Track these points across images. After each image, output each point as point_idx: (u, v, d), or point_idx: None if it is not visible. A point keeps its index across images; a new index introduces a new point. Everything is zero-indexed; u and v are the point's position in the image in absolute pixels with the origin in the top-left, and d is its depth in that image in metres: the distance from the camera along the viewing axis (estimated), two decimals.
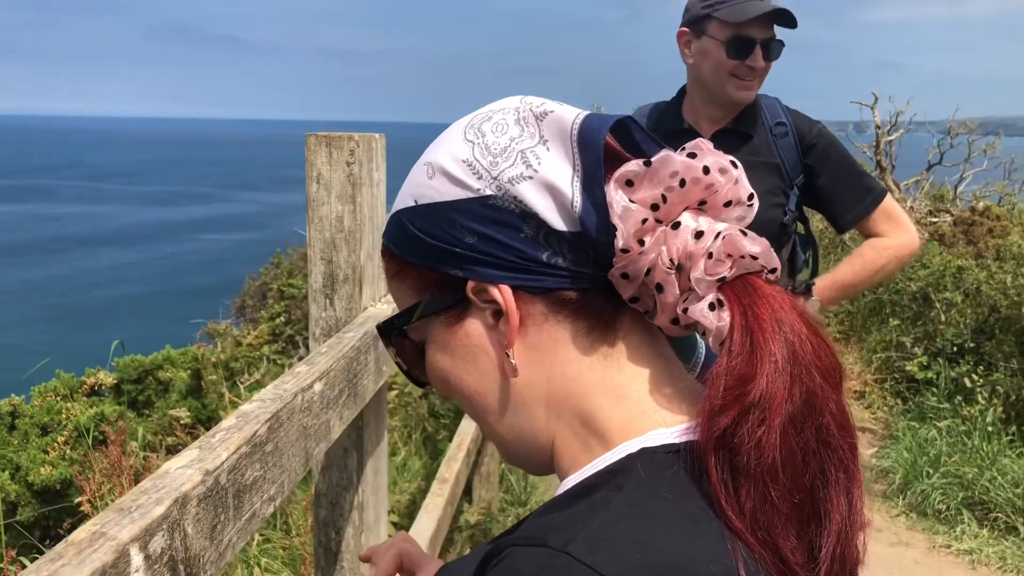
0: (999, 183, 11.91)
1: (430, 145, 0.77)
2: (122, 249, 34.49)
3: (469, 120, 0.75)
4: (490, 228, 0.70)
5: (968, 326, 6.18)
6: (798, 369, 0.63)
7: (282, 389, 1.23)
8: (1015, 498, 4.61)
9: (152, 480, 0.89)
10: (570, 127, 0.70)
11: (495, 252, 0.70)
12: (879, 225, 2.40)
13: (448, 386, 0.78)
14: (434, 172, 0.73)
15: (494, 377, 0.74)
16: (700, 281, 0.66)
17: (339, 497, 1.79)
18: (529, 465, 0.78)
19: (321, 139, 1.72)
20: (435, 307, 0.74)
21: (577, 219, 0.68)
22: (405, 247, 0.75)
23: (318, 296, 1.76)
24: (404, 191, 0.76)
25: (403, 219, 0.75)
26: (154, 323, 19.06)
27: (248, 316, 9.24)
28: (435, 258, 0.73)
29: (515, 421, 0.74)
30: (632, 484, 0.63)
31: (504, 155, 0.70)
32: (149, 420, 5.19)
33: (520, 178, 0.69)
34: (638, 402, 0.70)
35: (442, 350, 0.76)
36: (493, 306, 0.71)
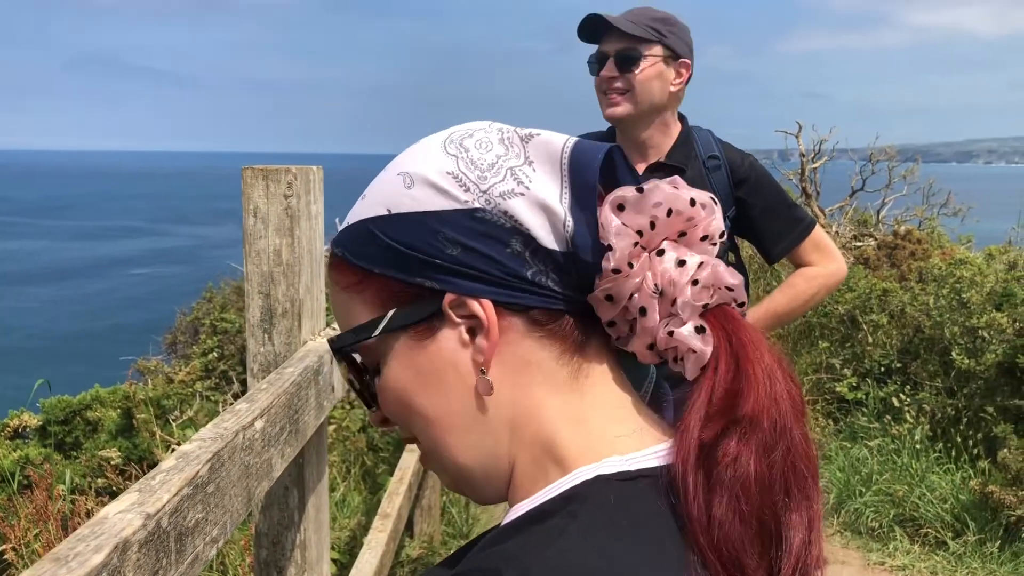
0: (918, 207, 12.33)
1: (397, 159, 0.75)
2: (47, 286, 33.49)
3: (446, 136, 0.74)
4: (476, 241, 0.68)
5: (894, 347, 6.36)
6: (772, 395, 0.65)
7: (222, 428, 1.21)
8: (943, 513, 4.74)
9: (90, 526, 0.87)
10: (560, 150, 0.70)
11: (479, 265, 0.68)
12: (809, 255, 2.45)
13: (404, 406, 0.74)
14: (413, 182, 0.71)
15: (461, 395, 0.71)
16: (686, 306, 0.67)
17: (281, 536, 1.75)
18: (480, 492, 0.75)
19: (258, 172, 1.70)
20: (405, 320, 0.71)
21: (568, 239, 0.68)
22: (371, 258, 0.72)
23: (256, 331, 1.74)
24: (372, 201, 0.73)
25: (372, 228, 0.72)
26: (82, 362, 18.51)
27: (180, 352, 9.04)
28: (409, 269, 0.70)
29: (476, 442, 0.72)
30: (586, 512, 0.63)
31: (492, 171, 0.70)
32: (77, 462, 5.03)
33: (511, 194, 0.69)
34: (598, 429, 0.69)
35: (404, 366, 0.72)
36: (469, 321, 0.69)
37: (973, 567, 4.38)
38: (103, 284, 34.04)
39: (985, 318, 5.47)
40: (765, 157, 11.04)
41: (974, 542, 4.50)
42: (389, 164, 0.75)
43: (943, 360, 5.85)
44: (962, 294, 5.91)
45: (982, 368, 5.34)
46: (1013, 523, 4.48)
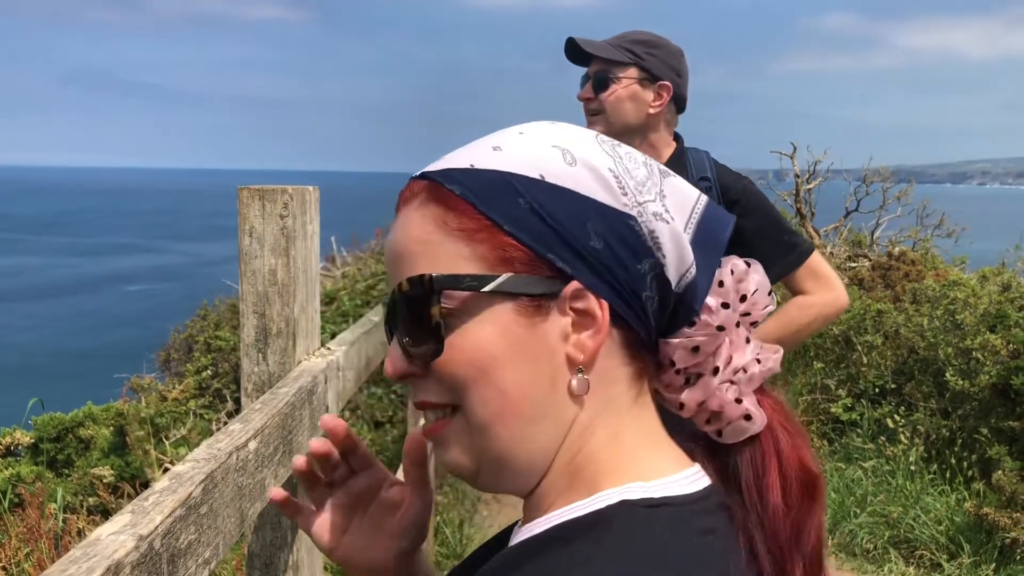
0: (913, 228, 12.37)
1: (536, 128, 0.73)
2: (41, 303, 33.41)
3: (593, 134, 0.73)
4: (619, 245, 0.68)
5: (888, 368, 6.37)
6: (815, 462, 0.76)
7: (216, 448, 1.21)
8: (938, 535, 4.73)
9: (82, 548, 0.87)
10: (693, 202, 0.73)
11: (613, 268, 0.68)
12: (804, 283, 2.39)
13: (480, 371, 0.69)
14: (575, 161, 0.70)
15: (543, 384, 0.69)
16: (752, 380, 0.73)
17: (273, 557, 1.75)
18: (497, 482, 0.73)
19: (254, 192, 1.71)
20: (520, 288, 0.68)
21: (686, 283, 0.71)
22: (505, 213, 0.68)
23: (250, 350, 1.74)
24: (516, 158, 0.70)
25: (517, 185, 0.69)
26: (75, 379, 18.43)
27: (173, 370, 9.01)
28: (546, 242, 0.68)
29: (535, 435, 0.70)
30: (611, 539, 0.63)
31: (645, 187, 0.71)
32: (69, 480, 5.00)
33: (660, 218, 0.70)
34: (632, 455, 0.70)
35: (500, 334, 0.68)
36: (579, 316, 0.68)
37: None
38: (97, 301, 33.97)
39: (979, 339, 5.48)
40: (760, 177, 11.08)
41: (969, 564, 4.49)
42: (523, 129, 0.73)
43: (937, 381, 5.85)
44: (956, 315, 5.93)
45: (976, 390, 5.35)
46: (1008, 545, 4.47)
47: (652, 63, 2.37)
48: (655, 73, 2.37)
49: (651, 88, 2.37)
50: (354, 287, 7.64)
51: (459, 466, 0.73)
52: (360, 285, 7.66)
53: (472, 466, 0.72)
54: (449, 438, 0.72)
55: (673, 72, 2.39)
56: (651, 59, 2.37)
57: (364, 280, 7.81)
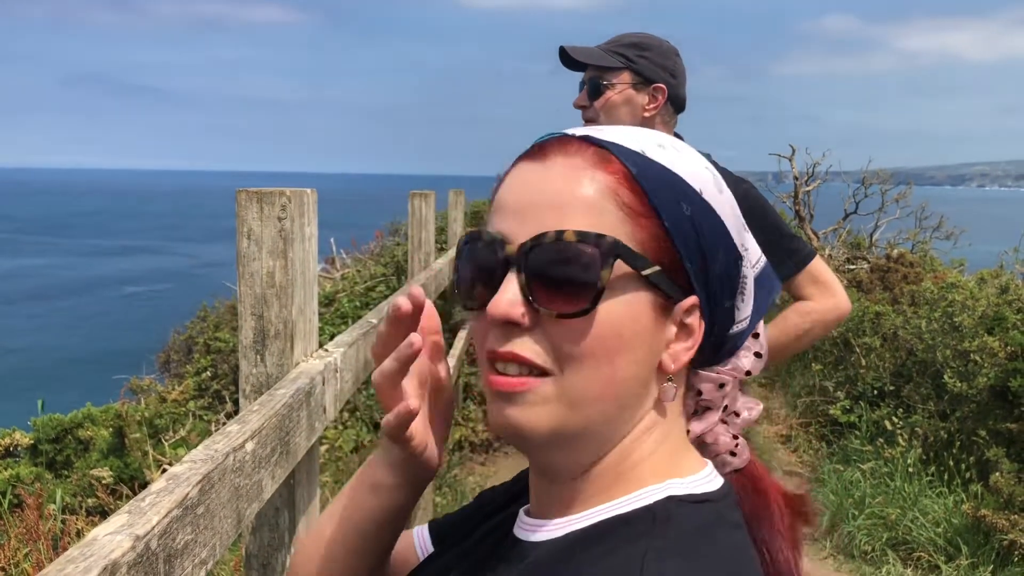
0: (911, 231, 12.39)
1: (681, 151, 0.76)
2: (41, 305, 33.41)
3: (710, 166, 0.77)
4: (727, 279, 0.75)
5: (887, 370, 6.38)
6: None
7: (213, 449, 1.21)
8: (936, 537, 4.73)
9: (79, 548, 0.87)
10: (759, 255, 0.81)
11: (718, 297, 0.75)
12: (805, 288, 2.35)
13: (605, 347, 0.69)
14: (722, 190, 0.76)
15: (643, 378, 0.73)
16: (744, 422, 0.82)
17: (270, 558, 1.75)
18: (561, 460, 0.73)
19: (252, 195, 1.71)
20: (662, 284, 0.71)
21: (741, 328, 0.78)
22: (667, 208, 0.72)
23: (248, 352, 1.75)
24: (678, 163, 0.74)
25: (684, 189, 0.73)
26: (74, 380, 18.44)
27: (173, 371, 9.02)
28: (690, 250, 0.72)
29: (615, 423, 0.73)
30: (675, 533, 0.68)
31: (747, 235, 0.79)
32: (68, 481, 5.01)
33: (751, 267, 0.78)
34: (670, 454, 0.75)
35: (636, 319, 0.70)
36: (680, 328, 0.74)
37: None
38: (97, 302, 33.96)
39: (977, 342, 5.49)
40: (759, 179, 11.09)
41: (967, 566, 4.50)
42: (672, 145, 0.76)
43: (935, 383, 5.86)
44: (954, 318, 5.94)
45: (974, 392, 5.35)
46: (1006, 547, 4.47)
47: (644, 66, 2.35)
48: (648, 76, 2.36)
49: (645, 91, 2.36)
50: (353, 289, 7.65)
51: (530, 429, 0.70)
52: (359, 287, 7.67)
53: (544, 432, 0.70)
54: (530, 400, 0.70)
55: (667, 73, 2.38)
56: (643, 62, 2.35)
57: (363, 282, 7.82)
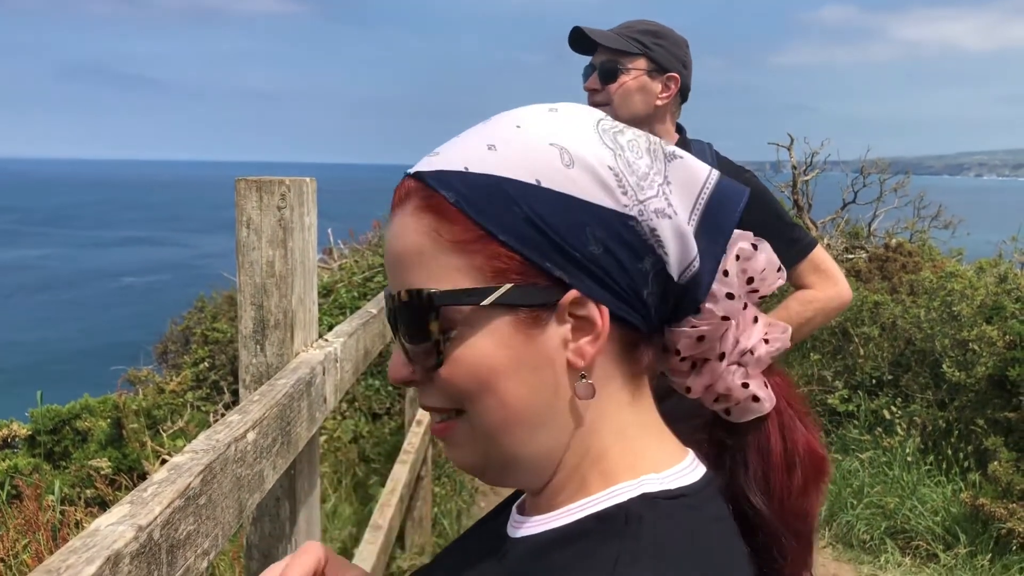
0: (910, 220, 12.38)
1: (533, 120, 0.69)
2: (38, 296, 33.37)
3: (595, 120, 0.70)
4: (619, 248, 0.66)
5: (885, 359, 6.38)
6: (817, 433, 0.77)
7: (215, 439, 1.21)
8: (934, 526, 4.74)
9: (82, 538, 0.87)
10: (702, 183, 0.70)
11: (612, 272, 0.67)
12: (806, 277, 2.37)
13: (481, 384, 0.68)
14: (573, 161, 0.66)
15: (547, 392, 0.68)
16: (758, 362, 0.73)
17: (271, 548, 1.75)
18: (507, 480, 0.73)
19: (251, 184, 1.70)
20: (518, 300, 0.66)
21: (687, 275, 0.69)
22: (500, 222, 0.66)
23: (248, 342, 1.74)
24: (512, 160, 0.67)
25: (511, 192, 0.66)
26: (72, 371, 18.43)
27: (171, 362, 9.02)
28: (543, 251, 0.66)
29: (541, 439, 0.70)
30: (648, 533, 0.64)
31: (647, 182, 0.68)
32: (66, 472, 5.00)
33: (662, 214, 0.67)
34: (642, 447, 0.71)
35: (500, 346, 0.67)
36: (579, 322, 0.67)
37: None
38: (94, 293, 33.93)
39: (975, 331, 5.49)
40: (758, 169, 11.09)
41: (965, 555, 4.51)
42: (520, 121, 0.70)
43: (934, 373, 5.87)
44: (953, 307, 5.94)
45: (973, 381, 5.36)
46: (1003, 536, 4.48)
47: (660, 54, 2.35)
48: (663, 64, 2.35)
49: (659, 79, 2.36)
50: (351, 279, 7.64)
51: (466, 465, 0.74)
52: (357, 277, 7.66)
53: (479, 465, 0.73)
54: (455, 440, 0.72)
55: (680, 63, 2.38)
56: (659, 50, 2.35)
57: (361, 272, 7.81)
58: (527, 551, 0.69)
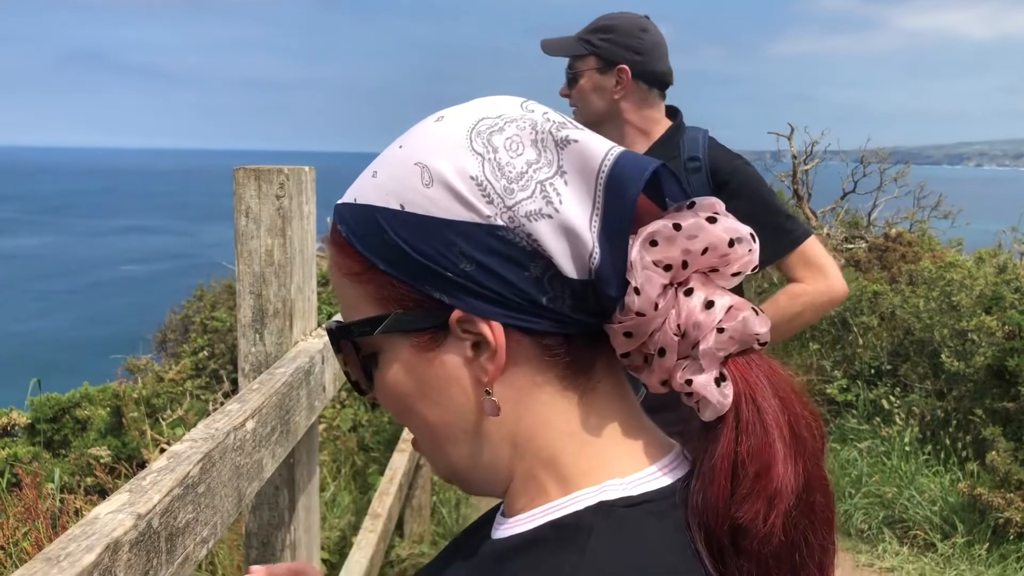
0: (909, 210, 12.37)
1: (414, 136, 0.69)
2: (37, 284, 33.36)
3: (473, 123, 0.67)
4: (493, 260, 0.64)
5: (884, 349, 6.39)
6: (800, 448, 0.64)
7: (214, 428, 1.21)
8: (932, 515, 4.76)
9: (81, 526, 0.87)
10: (598, 167, 0.64)
11: (493, 286, 0.64)
12: (796, 270, 2.29)
13: (403, 407, 0.71)
14: (432, 180, 0.65)
15: (462, 410, 0.68)
16: (708, 354, 0.64)
17: (271, 536, 1.75)
18: (472, 489, 0.74)
19: (250, 172, 1.70)
20: (407, 326, 0.67)
21: (591, 269, 0.64)
22: (377, 251, 0.67)
23: (247, 331, 1.74)
24: (382, 186, 0.67)
25: (381, 220, 0.66)
26: (71, 360, 18.44)
27: (170, 351, 9.02)
28: (417, 276, 0.65)
29: (475, 452, 0.70)
30: (594, 546, 0.61)
31: (520, 183, 0.64)
32: (66, 460, 5.01)
33: (538, 215, 0.63)
34: (600, 449, 0.68)
35: (406, 372, 0.69)
36: (475, 338, 0.66)
37: (961, 569, 4.40)
38: (93, 282, 33.91)
39: (975, 321, 5.50)
40: (757, 159, 11.07)
41: (962, 544, 4.52)
42: (406, 140, 0.69)
43: (933, 362, 5.87)
44: (952, 297, 5.94)
45: (971, 371, 5.37)
46: (1001, 525, 4.50)
47: (606, 49, 2.36)
48: (610, 58, 2.36)
49: (610, 74, 2.37)
50: None
51: (437, 474, 0.77)
52: None
53: (445, 476, 0.75)
54: (422, 453, 0.75)
55: (630, 51, 2.36)
56: (605, 45, 2.36)
57: None
58: (491, 554, 0.68)
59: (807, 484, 0.64)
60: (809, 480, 0.64)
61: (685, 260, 0.64)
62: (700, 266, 0.65)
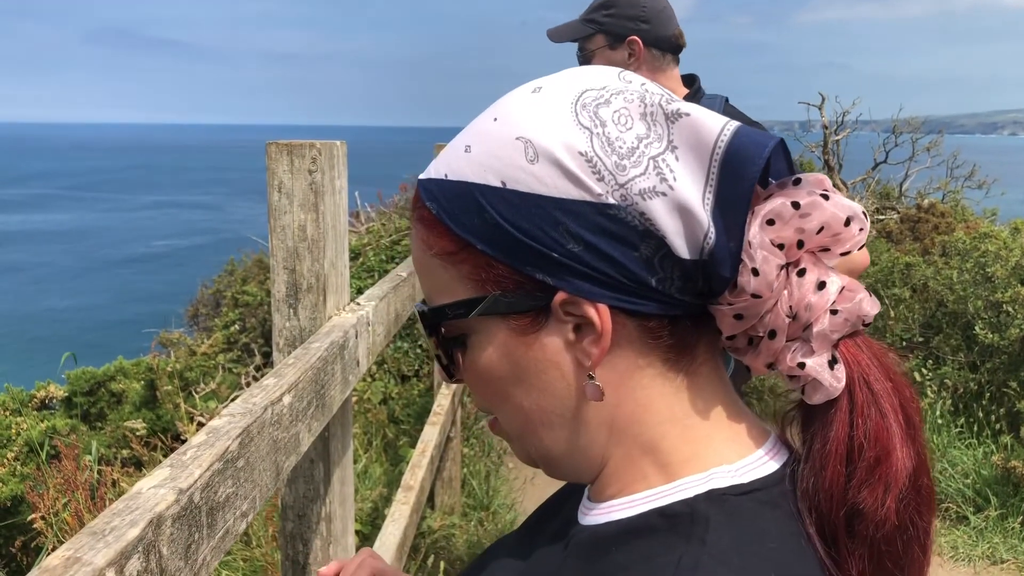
0: (942, 180, 12.20)
1: (511, 108, 0.65)
2: (69, 259, 33.80)
3: (576, 96, 0.64)
4: (602, 240, 0.61)
5: (916, 321, 6.32)
6: (911, 431, 0.64)
7: (251, 403, 1.22)
8: (965, 488, 4.72)
9: (124, 501, 0.88)
10: (713, 142, 0.61)
11: (601, 267, 0.61)
12: None
13: (495, 392, 0.69)
14: (537, 156, 0.62)
15: (561, 394, 0.66)
16: (821, 336, 0.62)
17: (306, 509, 1.77)
18: (560, 474, 0.72)
19: (282, 147, 1.70)
20: (508, 308, 0.64)
21: (705, 249, 0.61)
22: (474, 231, 0.64)
23: (281, 306, 1.75)
24: (481, 162, 0.64)
25: (481, 199, 0.63)
26: (106, 333, 18.71)
27: (202, 325, 9.13)
28: (520, 256, 0.63)
29: (570, 438, 0.68)
30: (714, 537, 0.59)
31: (632, 159, 0.61)
32: (102, 433, 5.09)
33: (652, 193, 0.60)
34: (704, 435, 0.66)
35: (501, 355, 0.66)
36: (578, 320, 0.63)
37: (994, 542, 4.37)
38: (125, 257, 34.31)
39: (1010, 292, 5.42)
40: (786, 129, 10.93)
41: (995, 517, 4.49)
42: (500, 112, 0.66)
43: (966, 335, 5.81)
44: (986, 268, 5.85)
45: (1006, 343, 5.30)
46: None
47: (611, 24, 2.38)
48: (617, 32, 2.38)
49: (621, 48, 2.39)
50: (379, 243, 7.66)
51: (521, 459, 0.74)
52: (385, 240, 7.68)
53: (530, 460, 0.72)
54: (502, 436, 0.73)
55: (636, 21, 2.38)
56: (610, 20, 2.38)
57: (388, 235, 7.83)
58: (589, 542, 0.66)
59: (916, 467, 0.63)
60: (918, 463, 0.63)
61: (800, 240, 0.62)
62: (813, 245, 0.63)
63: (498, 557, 0.77)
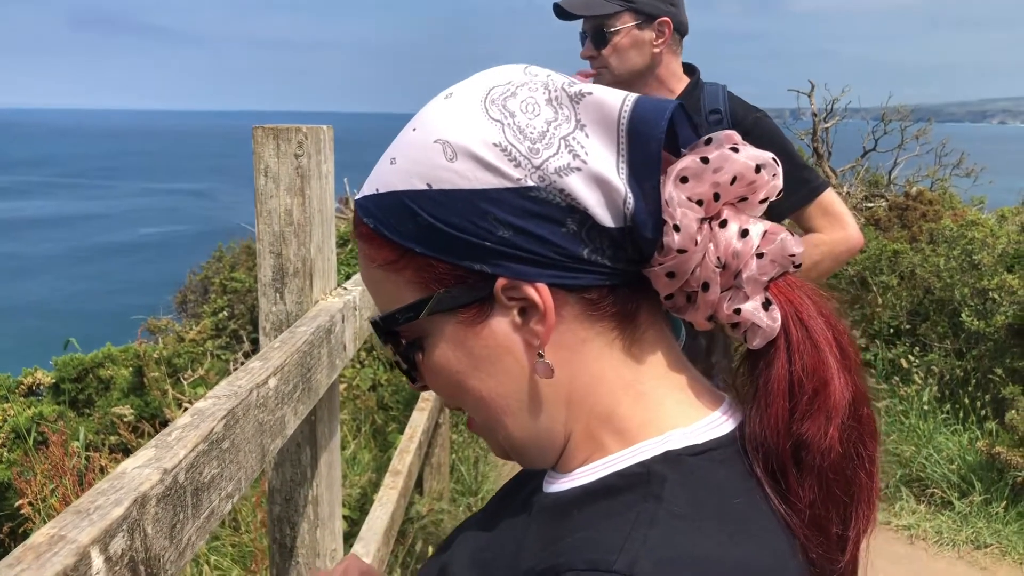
0: (931, 168, 12.23)
1: (429, 118, 0.68)
2: (55, 244, 33.61)
3: (484, 94, 0.67)
4: (529, 222, 0.64)
5: (904, 308, 6.35)
6: (847, 362, 0.66)
7: (236, 385, 1.22)
8: (950, 474, 4.76)
9: (109, 481, 0.88)
10: (617, 113, 0.65)
11: (533, 248, 0.65)
12: (815, 220, 2.31)
13: (455, 386, 0.71)
14: (456, 154, 0.65)
15: (517, 377, 0.69)
16: (752, 281, 0.65)
17: (293, 493, 1.78)
18: (530, 461, 0.74)
19: (268, 131, 1.70)
20: (453, 303, 0.67)
21: (627, 215, 0.64)
22: (410, 235, 0.67)
23: (268, 290, 1.75)
24: (406, 170, 0.67)
25: (410, 204, 0.66)
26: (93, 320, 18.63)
27: (190, 311, 9.11)
28: (456, 251, 0.66)
29: (532, 421, 0.70)
30: (670, 493, 0.62)
31: (544, 141, 0.64)
32: (90, 419, 5.08)
33: (567, 169, 0.64)
34: (657, 399, 0.69)
35: (456, 349, 0.69)
36: (521, 303, 0.66)
37: (978, 527, 4.41)
38: (112, 244, 34.15)
39: (996, 280, 5.45)
40: (776, 116, 10.94)
41: (980, 502, 4.53)
42: (418, 122, 0.69)
43: (952, 322, 5.85)
44: (973, 256, 5.89)
45: (991, 330, 5.33)
46: (1019, 483, 4.50)
47: (645, 2, 2.29)
48: (649, 12, 2.30)
49: (650, 28, 2.31)
50: None
51: (497, 454, 0.76)
52: None
53: (504, 452, 0.75)
54: (478, 433, 0.75)
55: (666, 3, 2.33)
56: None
57: None
58: (551, 506, 0.69)
59: (855, 397, 0.66)
60: (857, 393, 0.66)
61: (716, 192, 0.65)
62: (730, 197, 0.66)
63: (465, 530, 0.79)
